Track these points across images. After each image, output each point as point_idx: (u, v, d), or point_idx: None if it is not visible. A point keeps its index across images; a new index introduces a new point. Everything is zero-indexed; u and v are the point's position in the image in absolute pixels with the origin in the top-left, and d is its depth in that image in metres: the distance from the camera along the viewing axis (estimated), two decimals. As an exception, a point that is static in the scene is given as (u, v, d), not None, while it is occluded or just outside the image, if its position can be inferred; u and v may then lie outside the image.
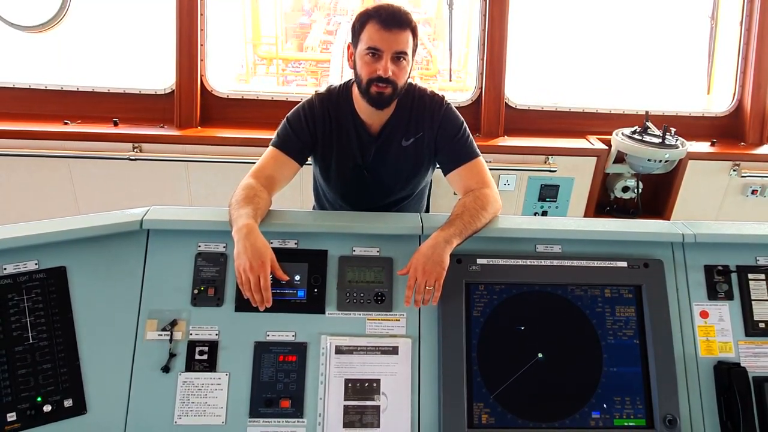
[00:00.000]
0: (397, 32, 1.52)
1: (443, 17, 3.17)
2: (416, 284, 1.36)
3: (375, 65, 1.54)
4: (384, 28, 1.51)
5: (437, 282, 1.35)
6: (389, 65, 1.53)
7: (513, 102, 3.16)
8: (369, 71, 1.55)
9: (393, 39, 1.52)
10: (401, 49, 1.53)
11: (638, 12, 4.13)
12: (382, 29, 1.51)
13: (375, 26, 1.51)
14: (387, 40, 1.52)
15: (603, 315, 1.46)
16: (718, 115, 3.29)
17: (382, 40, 1.52)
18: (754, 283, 1.51)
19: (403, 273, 1.41)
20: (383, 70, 1.53)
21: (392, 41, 1.52)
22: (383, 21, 1.51)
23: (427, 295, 1.36)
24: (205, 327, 1.42)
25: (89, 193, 2.96)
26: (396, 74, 1.55)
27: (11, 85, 2.99)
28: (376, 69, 1.53)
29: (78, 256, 1.40)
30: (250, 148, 2.80)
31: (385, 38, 1.51)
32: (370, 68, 1.54)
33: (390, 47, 1.52)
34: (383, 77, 1.53)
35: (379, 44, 1.52)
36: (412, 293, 1.37)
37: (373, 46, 1.52)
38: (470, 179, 1.65)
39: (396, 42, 1.52)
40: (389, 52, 1.53)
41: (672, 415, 1.37)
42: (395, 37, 1.52)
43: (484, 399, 1.39)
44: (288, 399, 1.38)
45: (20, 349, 1.31)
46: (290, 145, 1.67)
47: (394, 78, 1.55)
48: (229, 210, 1.45)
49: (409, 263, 1.39)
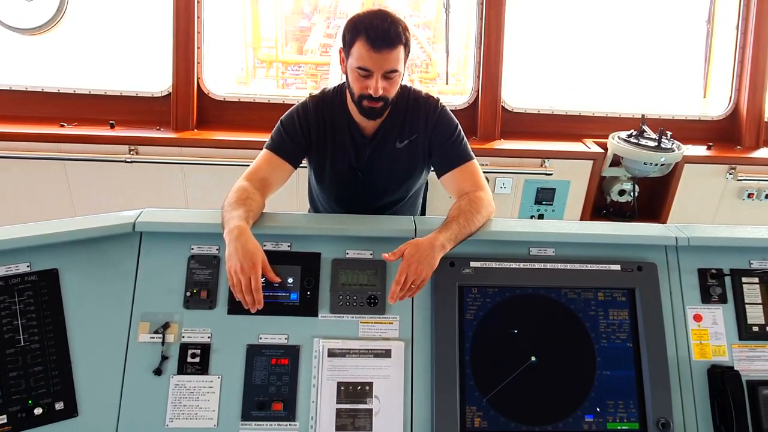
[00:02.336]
0: (387, 53, 1.49)
1: (442, 20, 3.17)
2: (404, 280, 1.34)
3: (366, 82, 1.53)
4: (374, 49, 1.48)
5: (422, 282, 1.36)
6: (380, 83, 1.52)
7: (509, 105, 3.16)
8: (360, 87, 1.55)
9: (383, 59, 1.50)
10: (392, 68, 1.52)
11: (635, 16, 4.14)
12: (371, 50, 1.48)
13: (365, 46, 1.49)
14: (377, 61, 1.50)
15: (596, 318, 1.46)
16: (714, 118, 3.30)
17: (371, 60, 1.50)
18: (748, 286, 1.50)
19: (392, 258, 1.38)
20: (374, 90, 1.52)
21: (382, 62, 1.50)
22: (373, 42, 1.48)
23: (409, 293, 1.36)
24: (197, 330, 1.41)
25: (85, 195, 2.96)
26: (387, 90, 1.55)
27: (8, 88, 3.00)
28: (367, 87, 1.53)
29: (70, 259, 1.39)
30: (246, 150, 2.80)
31: (375, 59, 1.49)
32: (361, 84, 1.54)
33: (381, 67, 1.51)
34: (374, 96, 1.53)
35: (369, 65, 1.50)
36: (398, 288, 1.34)
37: (363, 66, 1.51)
38: (464, 182, 1.65)
39: (386, 62, 1.50)
40: (379, 72, 1.52)
41: (665, 418, 1.37)
42: (385, 58, 1.50)
43: (477, 402, 1.39)
44: (280, 402, 1.37)
45: (11, 352, 1.30)
46: (284, 147, 1.67)
47: (385, 94, 1.55)
48: (222, 212, 1.45)
49: (399, 249, 1.37)
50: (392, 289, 1.36)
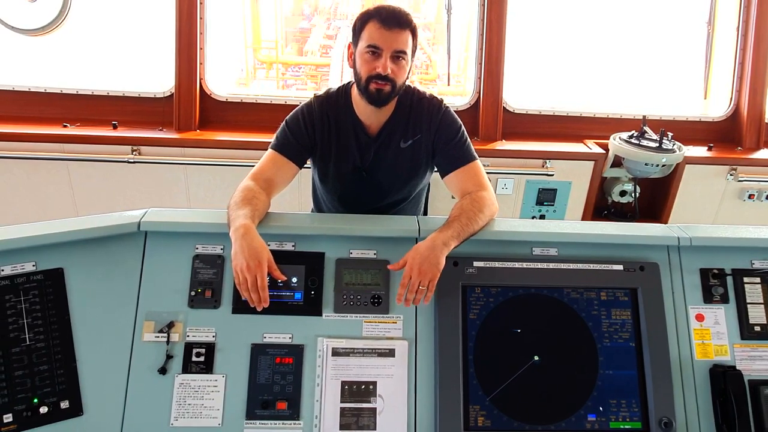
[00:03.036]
0: (397, 31, 1.55)
1: (443, 22, 3.18)
2: (410, 283, 1.36)
3: (374, 63, 1.57)
4: (384, 27, 1.54)
5: (431, 283, 1.36)
6: (389, 63, 1.56)
7: (511, 106, 3.17)
8: (368, 69, 1.58)
9: (393, 38, 1.55)
10: (401, 48, 1.56)
11: (636, 17, 4.15)
12: (382, 28, 1.54)
13: (375, 25, 1.55)
14: (387, 38, 1.55)
15: (599, 318, 1.47)
16: (715, 119, 3.31)
17: (382, 38, 1.55)
18: (750, 286, 1.51)
19: (396, 268, 1.41)
20: (382, 67, 1.56)
21: (392, 40, 1.55)
22: (383, 20, 1.54)
23: (419, 295, 1.37)
24: (202, 329, 1.42)
25: (88, 196, 2.97)
26: (395, 72, 1.58)
27: (11, 88, 3.00)
28: (376, 67, 1.56)
29: (75, 258, 1.40)
30: (248, 151, 2.81)
31: (385, 37, 1.55)
32: (370, 66, 1.57)
33: (390, 46, 1.55)
34: (382, 75, 1.56)
35: (378, 42, 1.55)
36: (404, 291, 1.37)
37: (373, 44, 1.56)
38: (467, 182, 1.66)
39: (396, 41, 1.55)
40: (389, 51, 1.56)
41: (668, 418, 1.38)
42: (395, 36, 1.55)
43: (480, 401, 1.39)
44: (284, 401, 1.38)
45: (17, 351, 1.31)
46: (289, 148, 1.68)
47: (393, 76, 1.58)
48: (228, 211, 1.45)
49: (403, 259, 1.40)
50: (399, 291, 1.38)
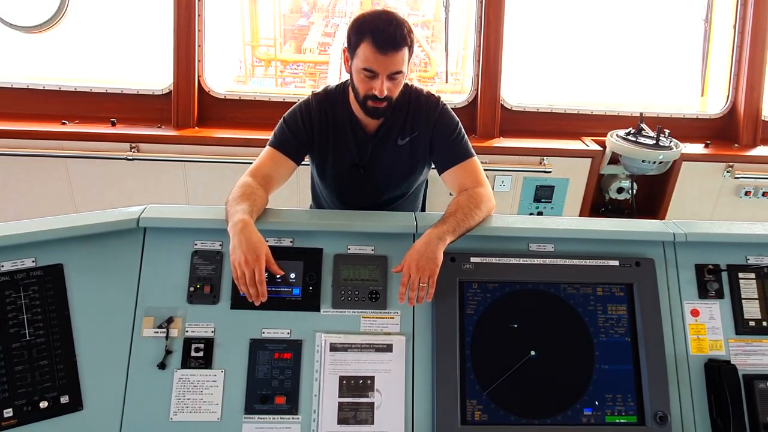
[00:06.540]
0: (392, 55, 1.51)
1: (441, 19, 3.18)
2: (410, 281, 1.37)
3: (371, 83, 1.55)
4: (379, 52, 1.50)
5: (431, 279, 1.37)
6: (385, 84, 1.54)
7: (509, 103, 3.18)
8: (365, 88, 1.57)
9: (389, 61, 1.52)
10: (397, 69, 1.54)
11: (633, 14, 4.15)
12: (377, 53, 1.50)
13: (371, 48, 1.50)
14: (382, 62, 1.52)
15: (595, 313, 1.48)
16: (711, 116, 3.32)
17: (377, 62, 1.52)
18: (744, 281, 1.52)
19: (398, 270, 1.42)
20: (379, 91, 1.54)
21: (388, 63, 1.52)
22: (378, 45, 1.49)
23: (421, 292, 1.38)
24: (201, 324, 1.43)
25: (87, 192, 2.97)
26: (391, 90, 1.57)
27: (9, 85, 3.00)
28: (372, 88, 1.55)
29: (75, 254, 1.41)
30: (247, 148, 2.81)
31: (381, 61, 1.51)
32: (367, 86, 1.56)
33: (386, 69, 1.53)
34: (379, 97, 1.55)
35: (374, 66, 1.52)
36: (405, 289, 1.38)
37: (368, 68, 1.53)
38: (465, 178, 1.66)
39: (392, 64, 1.52)
40: (385, 73, 1.53)
41: (663, 412, 1.39)
42: (390, 60, 1.52)
43: (478, 396, 1.40)
44: (283, 396, 1.39)
45: (17, 346, 1.32)
46: (287, 144, 1.69)
47: (390, 94, 1.57)
48: (226, 207, 1.46)
49: (403, 260, 1.41)
50: (400, 290, 1.39)
